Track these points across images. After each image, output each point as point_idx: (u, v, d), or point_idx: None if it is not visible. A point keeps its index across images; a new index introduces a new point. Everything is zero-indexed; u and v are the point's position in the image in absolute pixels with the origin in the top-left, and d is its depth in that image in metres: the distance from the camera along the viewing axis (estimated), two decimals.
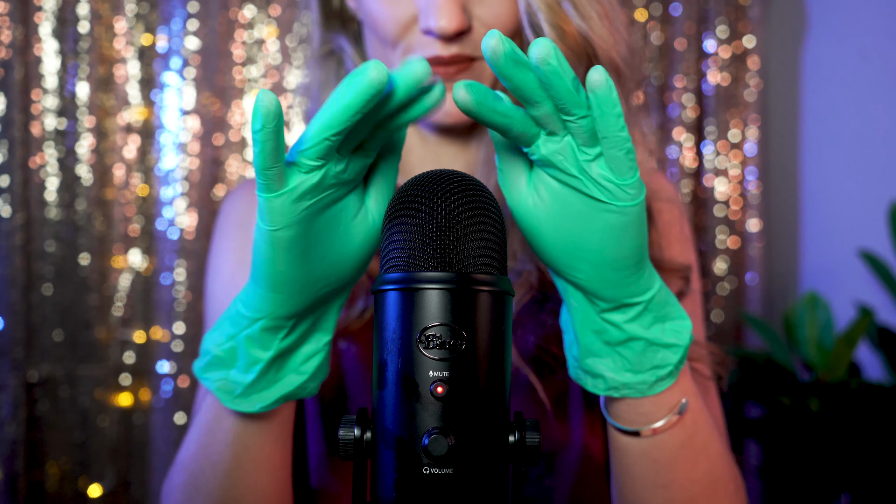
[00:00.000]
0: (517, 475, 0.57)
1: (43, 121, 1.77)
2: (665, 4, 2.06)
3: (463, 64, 0.85)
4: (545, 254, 0.63)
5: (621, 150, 0.56)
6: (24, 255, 1.75)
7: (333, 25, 0.97)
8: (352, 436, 0.55)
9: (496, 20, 0.85)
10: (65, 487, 1.81)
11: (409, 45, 0.85)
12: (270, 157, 0.53)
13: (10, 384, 1.74)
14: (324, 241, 0.59)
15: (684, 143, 2.08)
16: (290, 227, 0.57)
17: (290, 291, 0.60)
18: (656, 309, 0.64)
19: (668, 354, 0.65)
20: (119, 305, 1.82)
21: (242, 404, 0.68)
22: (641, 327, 0.63)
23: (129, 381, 1.84)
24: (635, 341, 0.64)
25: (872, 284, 1.98)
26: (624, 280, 0.61)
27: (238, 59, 1.87)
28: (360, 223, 0.61)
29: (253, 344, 0.64)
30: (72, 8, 1.77)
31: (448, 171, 0.56)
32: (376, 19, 0.86)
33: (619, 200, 0.57)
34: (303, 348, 0.66)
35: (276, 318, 0.62)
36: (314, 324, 0.65)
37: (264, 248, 0.58)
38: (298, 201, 0.56)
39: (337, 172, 0.57)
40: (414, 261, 0.54)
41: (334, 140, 0.54)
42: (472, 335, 0.53)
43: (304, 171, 0.55)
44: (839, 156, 2.11)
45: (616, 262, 0.60)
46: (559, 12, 0.84)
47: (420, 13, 0.83)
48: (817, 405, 1.70)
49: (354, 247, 0.61)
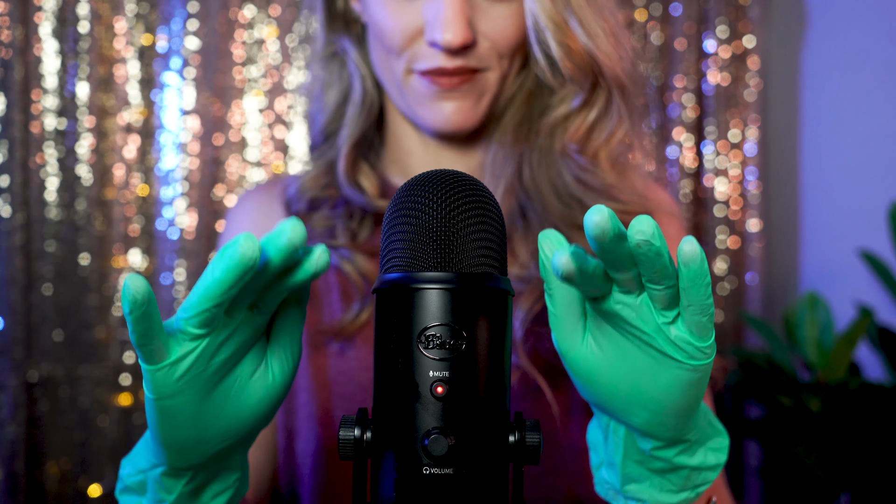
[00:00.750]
0: (517, 475, 0.57)
1: (43, 121, 1.77)
2: (665, 4, 2.06)
3: (466, 76, 0.86)
4: (600, 400, 0.60)
5: (705, 316, 0.53)
6: (24, 255, 1.75)
7: (337, 27, 0.97)
8: (352, 436, 0.54)
9: (500, 34, 0.86)
10: (65, 487, 1.81)
11: (413, 55, 0.86)
12: (143, 336, 0.51)
13: (10, 384, 1.74)
14: (216, 404, 0.56)
15: (684, 143, 2.08)
16: (173, 396, 0.54)
17: (183, 449, 0.57)
18: (702, 438, 0.63)
19: (710, 475, 0.65)
20: (119, 305, 1.82)
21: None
22: (688, 457, 0.63)
23: (129, 381, 1.84)
24: (682, 469, 0.63)
25: (872, 284, 1.98)
26: (682, 425, 0.60)
27: (238, 59, 1.87)
28: (258, 381, 0.57)
29: (157, 485, 0.62)
30: (72, 8, 1.77)
31: (448, 171, 0.56)
32: (382, 28, 0.86)
33: (695, 360, 0.55)
34: (211, 487, 0.63)
35: (174, 468, 0.59)
36: (218, 469, 0.62)
37: (150, 414, 0.56)
38: (182, 373, 0.53)
39: (224, 338, 0.54)
40: (414, 261, 0.54)
41: (214, 311, 0.51)
42: (472, 335, 0.53)
43: (189, 339, 0.53)
44: (839, 156, 2.11)
45: (679, 411, 0.58)
46: (566, 30, 0.84)
47: (426, 25, 0.84)
48: (817, 405, 1.70)
49: (251, 405, 0.57)
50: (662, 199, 0.98)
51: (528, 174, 0.91)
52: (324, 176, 0.98)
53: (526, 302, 0.87)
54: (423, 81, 0.86)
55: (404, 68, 0.87)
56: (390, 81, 0.90)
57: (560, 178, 0.90)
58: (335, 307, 0.91)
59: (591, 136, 0.90)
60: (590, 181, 0.89)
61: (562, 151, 0.90)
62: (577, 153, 0.90)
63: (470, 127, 0.89)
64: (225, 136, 1.86)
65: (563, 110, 0.90)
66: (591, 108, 0.90)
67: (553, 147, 0.91)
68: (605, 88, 0.89)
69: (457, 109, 0.87)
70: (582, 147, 0.90)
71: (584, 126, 0.90)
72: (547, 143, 0.91)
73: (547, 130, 0.91)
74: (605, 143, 0.90)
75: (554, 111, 0.91)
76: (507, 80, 0.90)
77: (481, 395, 0.53)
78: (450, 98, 0.86)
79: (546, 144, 0.91)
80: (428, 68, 0.85)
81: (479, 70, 0.86)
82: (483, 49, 0.85)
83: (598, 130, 0.90)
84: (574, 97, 0.89)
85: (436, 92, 0.86)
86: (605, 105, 0.89)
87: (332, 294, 0.92)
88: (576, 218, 0.89)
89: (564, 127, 0.90)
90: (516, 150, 0.92)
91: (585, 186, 0.89)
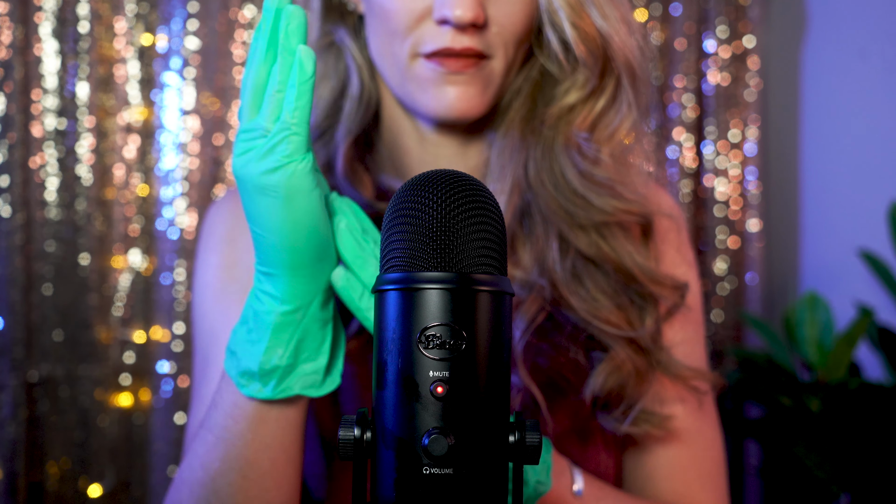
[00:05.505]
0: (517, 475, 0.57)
1: (43, 121, 1.77)
2: (665, 4, 2.06)
3: (472, 59, 0.84)
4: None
5: None
6: (24, 255, 1.75)
7: (333, 17, 0.95)
8: (352, 436, 0.54)
9: (509, 20, 0.85)
10: (65, 487, 1.81)
11: (419, 37, 0.84)
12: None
13: (10, 384, 1.74)
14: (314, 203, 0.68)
15: (684, 143, 2.08)
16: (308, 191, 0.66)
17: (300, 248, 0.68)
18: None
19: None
20: (119, 305, 1.82)
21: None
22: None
23: (129, 381, 1.84)
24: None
25: (872, 284, 1.98)
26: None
27: (238, 59, 1.87)
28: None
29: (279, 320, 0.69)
30: (72, 8, 1.77)
31: (448, 171, 0.56)
32: (388, 10, 0.84)
33: None
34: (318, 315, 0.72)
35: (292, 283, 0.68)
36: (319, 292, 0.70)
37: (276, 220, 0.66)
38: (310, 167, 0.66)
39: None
40: (414, 261, 0.54)
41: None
42: (472, 335, 0.53)
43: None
44: (839, 156, 2.11)
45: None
46: (581, 12, 0.84)
47: (435, 3, 0.82)
48: (817, 405, 1.70)
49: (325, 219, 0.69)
50: (662, 201, 0.97)
51: (532, 170, 0.89)
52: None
53: (528, 311, 0.85)
54: (428, 65, 0.84)
55: (409, 52, 0.85)
56: (392, 69, 0.88)
57: (563, 173, 0.88)
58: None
59: (596, 128, 0.89)
60: (595, 174, 0.88)
61: (565, 143, 0.89)
62: (584, 142, 0.89)
63: (473, 116, 0.87)
64: (225, 136, 1.86)
65: (569, 100, 0.89)
66: (599, 97, 0.88)
67: (556, 140, 0.89)
68: (614, 75, 0.87)
69: (461, 95, 0.85)
70: (587, 138, 0.89)
71: (590, 116, 0.88)
72: (550, 136, 0.90)
73: (551, 122, 0.90)
74: (610, 136, 0.89)
75: (559, 101, 0.89)
76: (511, 72, 0.89)
77: (481, 395, 0.53)
78: (455, 83, 0.84)
79: (549, 136, 0.90)
80: (435, 49, 0.83)
81: (485, 57, 0.85)
82: (491, 34, 0.84)
83: (605, 121, 0.89)
84: (582, 86, 0.88)
85: (441, 75, 0.84)
86: (613, 93, 0.88)
87: None
88: (579, 217, 0.87)
89: (569, 119, 0.89)
90: (524, 144, 0.90)
91: (590, 181, 0.88)
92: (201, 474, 0.76)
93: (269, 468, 0.74)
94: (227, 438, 0.74)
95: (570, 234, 0.87)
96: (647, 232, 0.91)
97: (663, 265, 0.93)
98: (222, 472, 0.74)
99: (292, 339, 0.69)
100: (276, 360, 0.69)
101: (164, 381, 1.81)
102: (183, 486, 0.78)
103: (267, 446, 0.74)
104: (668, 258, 0.94)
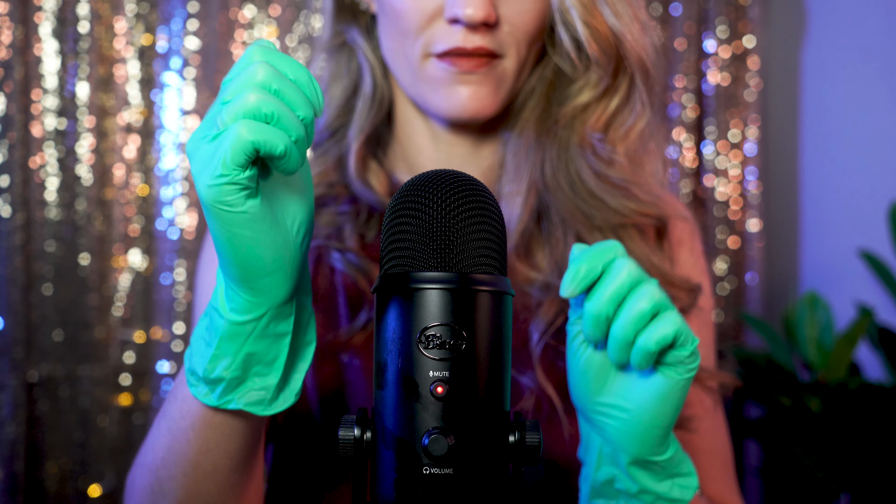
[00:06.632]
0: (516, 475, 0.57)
1: (43, 121, 1.77)
2: (665, 4, 2.06)
3: (484, 59, 0.84)
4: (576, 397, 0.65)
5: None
6: (24, 255, 1.75)
7: (345, 17, 0.95)
8: (352, 436, 0.54)
9: (520, 19, 0.85)
10: (65, 487, 1.81)
11: (431, 36, 0.84)
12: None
13: (10, 384, 1.74)
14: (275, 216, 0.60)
15: (684, 143, 2.08)
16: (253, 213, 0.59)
17: (252, 265, 0.61)
18: (671, 470, 0.66)
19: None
20: (119, 305, 1.82)
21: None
22: (655, 482, 0.65)
23: (129, 381, 1.83)
24: (646, 494, 0.65)
25: (872, 284, 1.98)
26: (653, 440, 0.63)
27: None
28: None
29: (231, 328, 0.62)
30: (72, 8, 1.77)
31: (448, 171, 0.56)
32: (399, 10, 0.84)
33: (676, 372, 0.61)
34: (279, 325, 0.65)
35: (245, 298, 0.61)
36: (281, 309, 0.63)
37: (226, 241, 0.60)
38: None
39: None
40: (414, 261, 0.54)
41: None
42: (472, 335, 0.53)
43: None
44: (839, 156, 2.11)
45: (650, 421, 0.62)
46: (593, 10, 0.84)
47: (446, 2, 0.82)
48: (817, 405, 1.70)
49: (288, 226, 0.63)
50: (676, 204, 0.97)
51: (549, 171, 0.89)
52: (331, 173, 0.96)
53: (547, 314, 0.85)
54: (440, 65, 0.84)
55: (421, 52, 0.85)
56: (404, 69, 0.88)
57: (579, 174, 0.88)
58: (342, 311, 0.89)
59: (610, 127, 0.89)
60: (610, 175, 0.88)
61: (580, 143, 0.89)
62: (599, 142, 0.88)
63: (485, 116, 0.86)
64: None
65: (583, 99, 0.89)
66: (612, 96, 0.88)
67: (571, 140, 0.89)
68: (628, 74, 0.87)
69: (473, 95, 0.85)
70: (601, 138, 0.89)
71: (604, 116, 0.88)
72: (565, 136, 0.89)
73: (565, 121, 0.89)
74: (624, 135, 0.89)
75: (573, 100, 0.89)
76: (523, 71, 0.88)
77: (481, 395, 0.53)
78: (466, 82, 0.84)
79: (564, 137, 0.89)
80: (446, 49, 0.83)
81: (497, 56, 0.85)
82: (503, 33, 0.84)
83: (619, 121, 0.89)
84: (595, 85, 0.88)
85: (453, 75, 0.84)
86: (627, 92, 0.88)
87: (339, 297, 0.90)
88: (596, 219, 0.87)
89: (583, 118, 0.89)
90: (539, 144, 0.90)
91: (605, 182, 0.88)
92: (150, 459, 0.74)
93: (212, 471, 0.71)
94: (174, 431, 0.71)
95: (588, 236, 0.87)
96: (661, 233, 0.91)
97: (678, 267, 0.93)
98: (166, 465, 0.72)
99: (240, 352, 0.62)
100: (221, 372, 0.63)
101: (164, 381, 1.81)
102: (136, 467, 0.77)
103: (209, 450, 0.70)
104: (683, 260, 0.94)
